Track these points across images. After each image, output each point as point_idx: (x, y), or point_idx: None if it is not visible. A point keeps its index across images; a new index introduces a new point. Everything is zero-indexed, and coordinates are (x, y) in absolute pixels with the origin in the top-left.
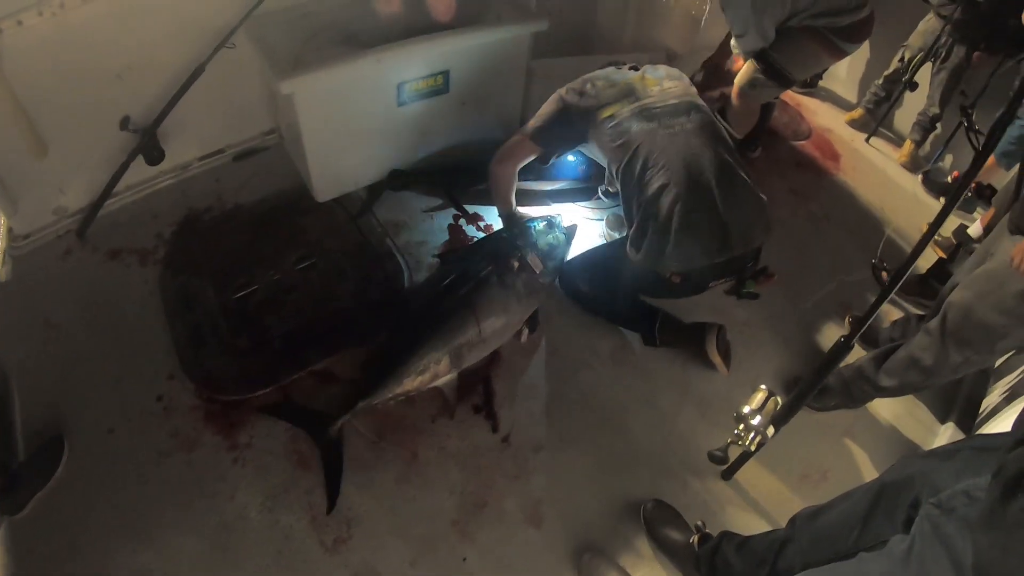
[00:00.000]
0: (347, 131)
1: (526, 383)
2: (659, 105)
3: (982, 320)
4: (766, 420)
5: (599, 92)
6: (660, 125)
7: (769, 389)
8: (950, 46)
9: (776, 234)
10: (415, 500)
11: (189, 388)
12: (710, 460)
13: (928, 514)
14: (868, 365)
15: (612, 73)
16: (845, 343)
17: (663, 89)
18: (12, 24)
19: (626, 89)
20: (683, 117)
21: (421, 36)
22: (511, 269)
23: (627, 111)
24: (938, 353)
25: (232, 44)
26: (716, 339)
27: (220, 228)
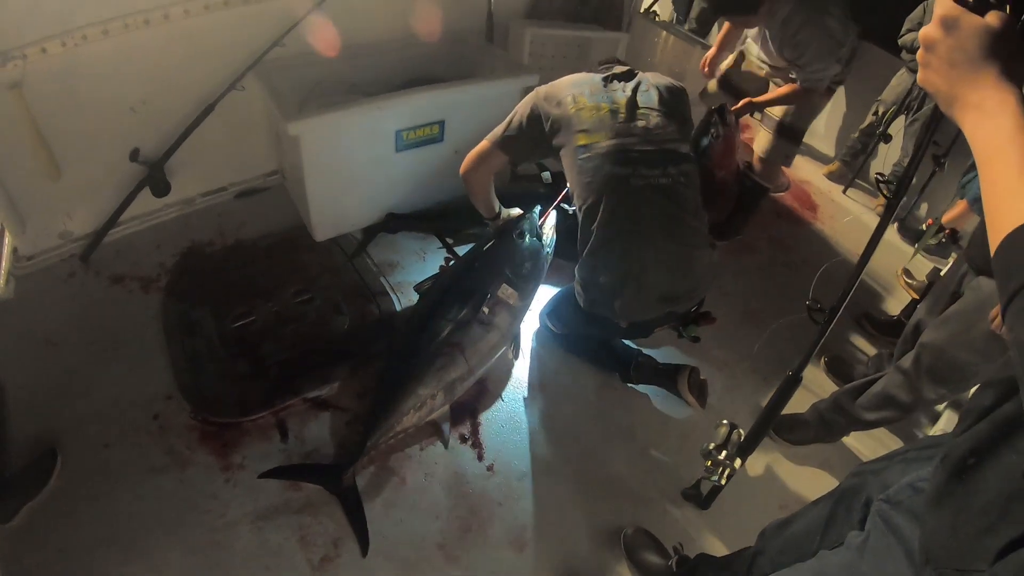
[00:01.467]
0: (347, 174)
1: (512, 416)
2: (638, 149)
3: (954, 359)
4: (732, 452)
5: (580, 113)
6: (633, 174)
7: (731, 423)
8: (922, 99)
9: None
10: (402, 523)
11: (185, 409)
12: (684, 498)
13: (879, 509)
14: (843, 398)
15: (600, 89)
16: (793, 377)
17: (648, 127)
18: (36, 51)
19: (608, 120)
20: (658, 170)
21: (418, 87)
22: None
23: (604, 146)
24: (913, 391)
25: (242, 87)
26: (688, 380)
27: (221, 261)
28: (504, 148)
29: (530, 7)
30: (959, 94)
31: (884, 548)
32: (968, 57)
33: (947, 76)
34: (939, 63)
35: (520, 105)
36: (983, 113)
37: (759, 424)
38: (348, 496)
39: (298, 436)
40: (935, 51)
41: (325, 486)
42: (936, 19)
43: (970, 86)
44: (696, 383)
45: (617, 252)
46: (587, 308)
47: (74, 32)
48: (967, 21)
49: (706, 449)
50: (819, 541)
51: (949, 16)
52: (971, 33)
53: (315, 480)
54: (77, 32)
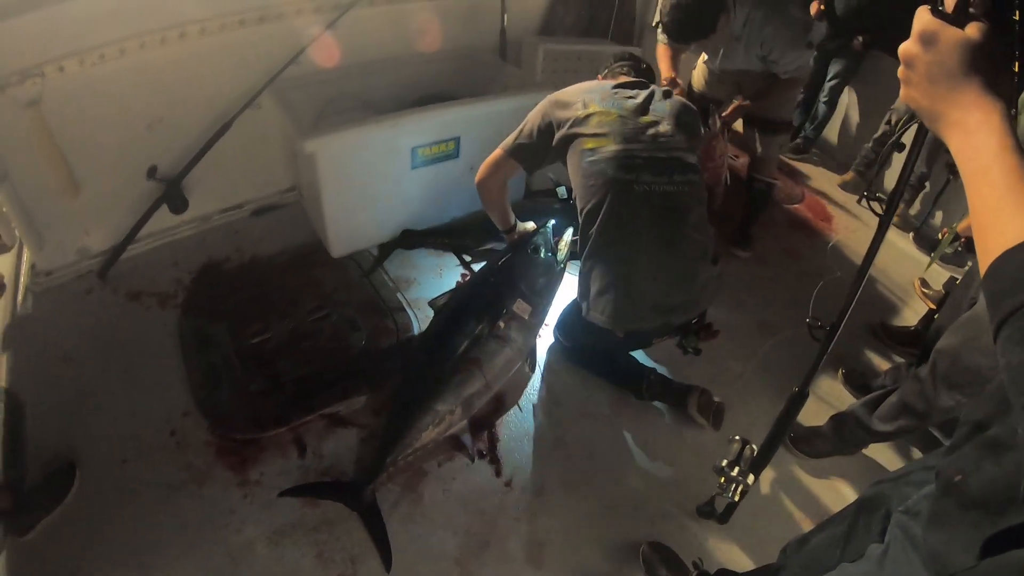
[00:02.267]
0: (363, 191)
1: (529, 431)
2: (644, 155)
3: (970, 364)
4: (746, 468)
5: (589, 118)
6: (637, 180)
7: (743, 438)
8: None
9: (770, 291)
10: (420, 539)
11: (203, 425)
12: (699, 515)
13: (898, 520)
14: (861, 411)
15: (611, 96)
16: (798, 394)
17: (657, 134)
18: (55, 69)
19: (617, 125)
20: (664, 177)
21: (433, 104)
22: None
23: (610, 151)
24: (929, 398)
25: (258, 104)
26: (698, 402)
27: (238, 277)
28: (516, 156)
29: (542, 24)
30: (941, 111)
31: (904, 559)
32: (948, 73)
33: (928, 93)
34: (919, 79)
35: (532, 112)
36: (966, 131)
37: (769, 440)
38: (369, 513)
39: (315, 452)
40: (914, 67)
41: (346, 503)
42: (914, 34)
43: (951, 103)
44: (707, 404)
45: (610, 258)
46: (585, 315)
47: (91, 51)
48: (946, 35)
49: (719, 466)
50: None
51: (927, 31)
52: (951, 47)
53: (335, 498)
54: (95, 51)
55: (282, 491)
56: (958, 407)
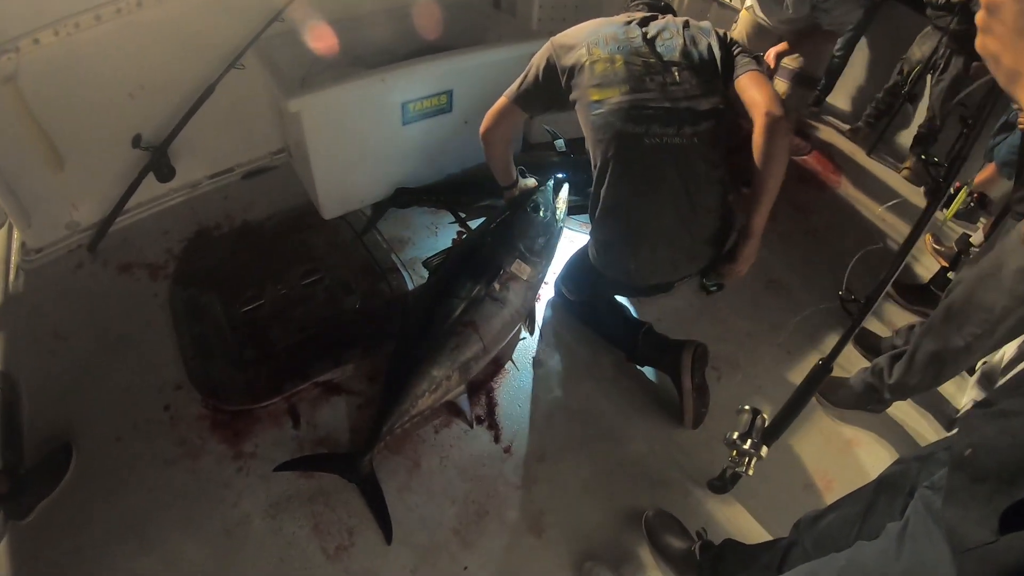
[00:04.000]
0: (353, 150)
1: (528, 395)
2: (653, 105)
3: (982, 300)
4: (758, 440)
5: (594, 65)
6: (646, 132)
7: (753, 408)
8: (948, 57)
9: (779, 248)
10: (417, 508)
11: (196, 398)
12: (711, 490)
13: (922, 495)
14: (885, 362)
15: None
16: (824, 366)
17: (665, 82)
18: (29, 42)
19: (623, 73)
20: (672, 128)
21: (424, 56)
22: (500, 282)
23: (616, 102)
24: (942, 337)
25: (241, 65)
26: (692, 355)
27: (229, 244)
28: (521, 103)
29: None
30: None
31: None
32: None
33: (1013, 46)
34: (1004, 30)
35: (536, 57)
36: None
37: (785, 411)
38: (367, 484)
39: (310, 422)
40: (1000, 15)
41: (343, 475)
42: None
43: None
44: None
45: (628, 217)
46: (601, 269)
47: (66, 20)
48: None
49: (730, 439)
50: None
51: None
52: None
53: (333, 469)
54: (69, 20)
55: (278, 465)
56: (969, 350)
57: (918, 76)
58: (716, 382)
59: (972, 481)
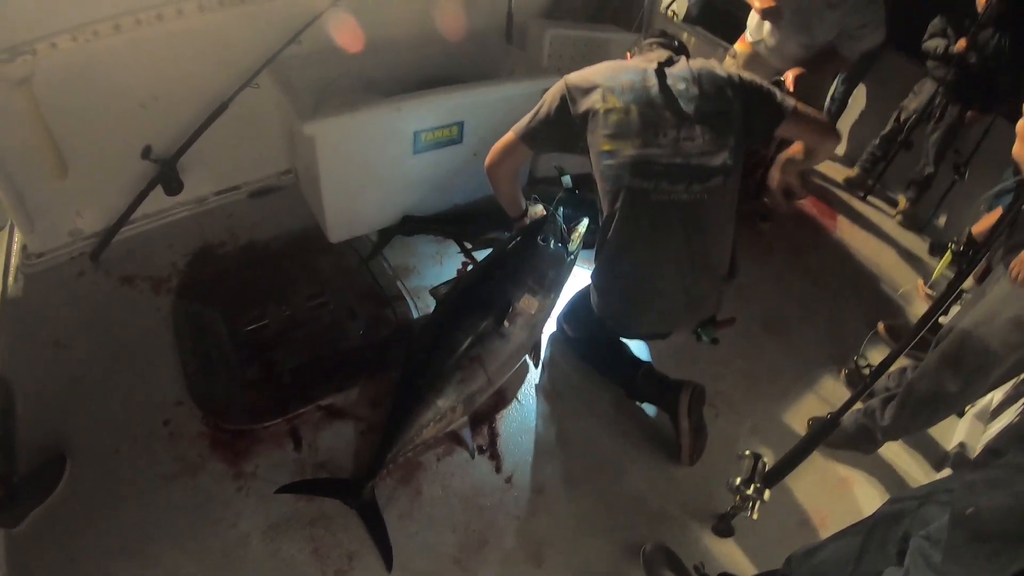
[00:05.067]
0: (363, 175)
1: (530, 426)
2: (664, 162)
3: (976, 346)
4: (761, 484)
5: (608, 115)
6: (655, 188)
7: (755, 453)
8: (944, 106)
9: (775, 288)
10: (417, 536)
11: (197, 415)
12: (716, 534)
13: (919, 547)
14: (877, 404)
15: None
16: (831, 421)
17: (678, 137)
18: (47, 46)
19: (637, 125)
20: (681, 185)
21: (438, 88)
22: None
23: (627, 155)
24: (935, 382)
25: (256, 84)
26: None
27: (234, 262)
28: (529, 141)
29: (550, 8)
30: None
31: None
32: None
33: None
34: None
35: (548, 95)
36: None
37: (786, 461)
38: (368, 511)
39: (312, 445)
40: None
41: (344, 500)
42: None
43: None
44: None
45: (629, 270)
46: (599, 313)
47: (85, 27)
48: None
49: (733, 485)
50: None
51: None
52: None
53: (334, 495)
54: (88, 27)
55: (280, 488)
56: (963, 395)
57: (914, 124)
58: (713, 420)
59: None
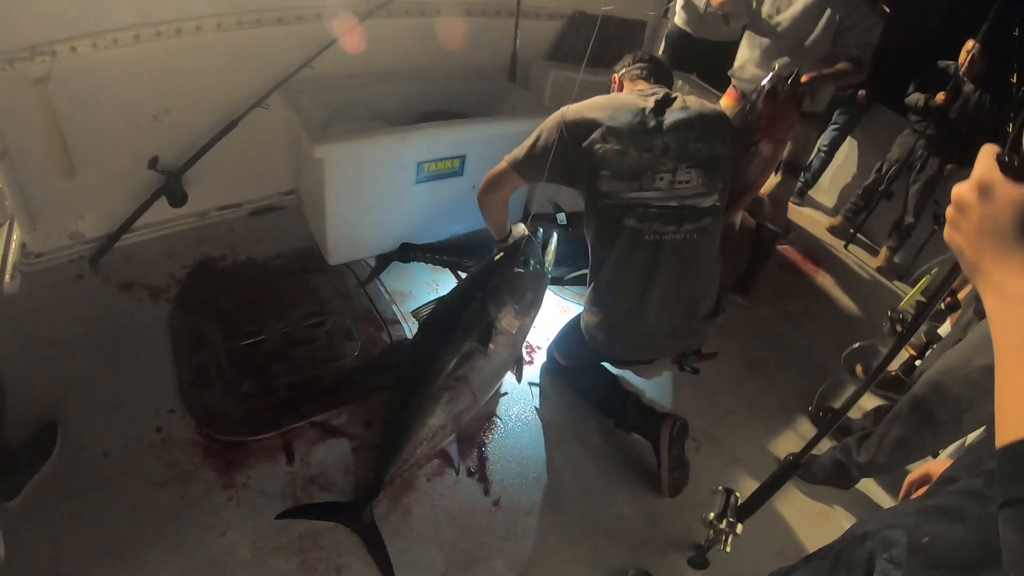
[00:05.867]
0: (366, 201)
1: (518, 452)
2: (658, 205)
3: (947, 393)
4: (733, 518)
5: (605, 155)
6: (648, 230)
7: (727, 488)
8: (925, 158)
9: (759, 330)
10: (406, 553)
11: (190, 424)
12: (692, 566)
13: (883, 568)
14: (853, 442)
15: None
16: (794, 462)
17: (673, 181)
18: (66, 49)
19: (635, 167)
20: (673, 226)
21: (442, 121)
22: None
23: (625, 196)
24: (907, 426)
25: (266, 105)
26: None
27: (233, 277)
28: (522, 171)
29: (553, 50)
30: (983, 267)
31: None
32: (999, 230)
33: (974, 244)
34: (968, 227)
35: (544, 127)
36: (1003, 297)
37: (756, 497)
38: (369, 533)
39: (304, 459)
40: (966, 214)
41: (345, 524)
42: (973, 180)
43: (995, 263)
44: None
45: (620, 303)
46: (588, 339)
47: (105, 34)
48: (1005, 191)
49: (707, 519)
50: None
51: (986, 181)
52: (1007, 205)
53: (336, 519)
54: (108, 35)
55: (280, 513)
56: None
57: (896, 175)
58: (695, 453)
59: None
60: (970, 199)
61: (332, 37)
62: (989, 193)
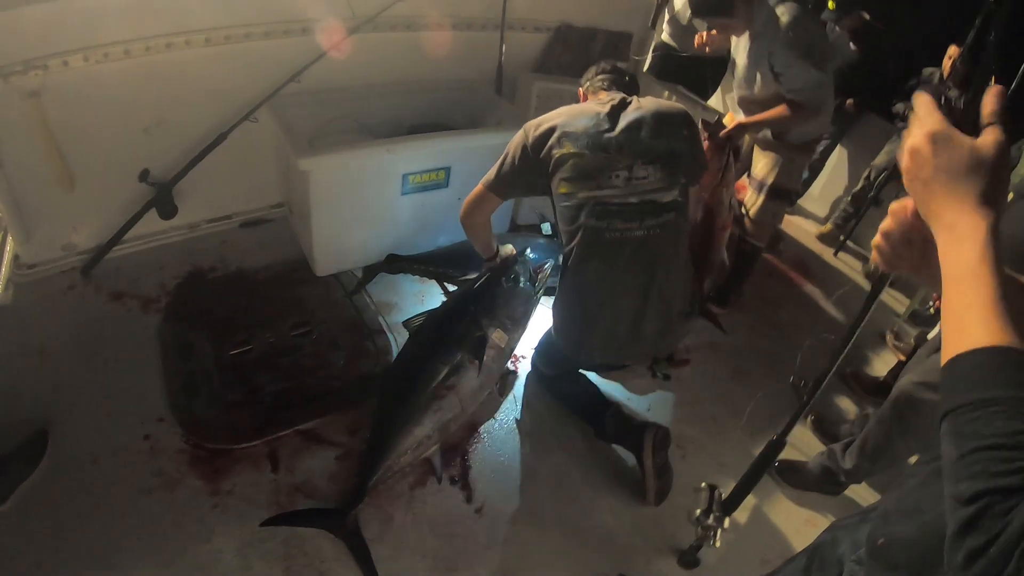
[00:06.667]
0: (352, 212)
1: (501, 460)
2: (616, 202)
3: (925, 401)
4: (720, 513)
5: (563, 158)
6: (608, 227)
7: (710, 484)
8: None
9: (746, 339)
10: (389, 560)
11: (177, 432)
12: (682, 566)
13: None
14: (838, 448)
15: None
16: (777, 441)
17: (631, 177)
18: (58, 63)
19: (591, 167)
20: (635, 222)
21: (427, 133)
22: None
23: (582, 197)
24: (888, 432)
25: (255, 118)
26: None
27: (222, 288)
28: (498, 191)
29: (538, 62)
30: (935, 209)
31: None
32: (951, 176)
33: (927, 189)
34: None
35: (511, 144)
36: (953, 236)
37: (745, 480)
38: (353, 539)
39: (289, 467)
40: (919, 163)
41: (329, 530)
42: (926, 132)
43: (947, 206)
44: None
45: (583, 302)
46: (556, 342)
47: (97, 49)
48: (955, 140)
49: (694, 517)
50: None
51: (938, 132)
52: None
53: (320, 525)
54: (100, 49)
55: (264, 521)
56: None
57: (884, 182)
58: (681, 460)
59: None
60: (924, 148)
61: (320, 51)
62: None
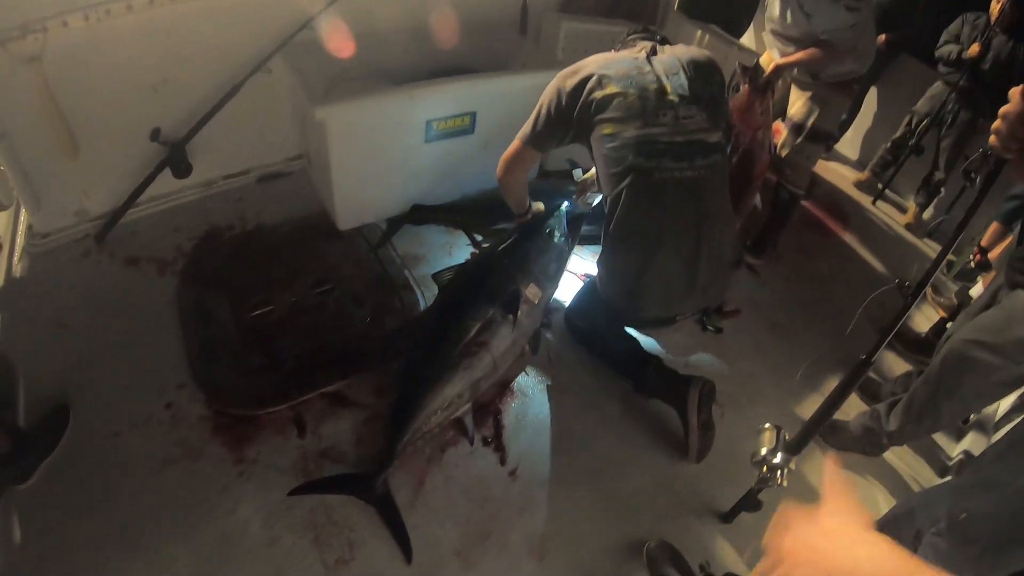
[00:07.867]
0: (374, 163)
1: (535, 421)
2: (665, 140)
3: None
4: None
5: (606, 99)
6: (658, 167)
7: (775, 425)
8: (956, 112)
9: (783, 291)
10: (419, 527)
11: (199, 399)
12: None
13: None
14: (883, 408)
15: (626, 73)
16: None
17: (677, 116)
18: (58, 24)
19: (636, 107)
20: (685, 162)
21: (451, 77)
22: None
23: (630, 135)
24: (937, 391)
25: (268, 69)
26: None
27: (240, 247)
28: (536, 144)
29: (564, 1)
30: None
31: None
32: None
33: None
34: None
35: (545, 94)
36: None
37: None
38: (384, 504)
39: (315, 432)
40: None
41: (359, 496)
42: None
43: None
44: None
45: (636, 250)
46: (605, 297)
47: (97, 6)
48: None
49: (759, 457)
50: None
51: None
52: None
53: (347, 491)
54: (100, 6)
55: (291, 490)
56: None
57: (925, 129)
58: (719, 419)
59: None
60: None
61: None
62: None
